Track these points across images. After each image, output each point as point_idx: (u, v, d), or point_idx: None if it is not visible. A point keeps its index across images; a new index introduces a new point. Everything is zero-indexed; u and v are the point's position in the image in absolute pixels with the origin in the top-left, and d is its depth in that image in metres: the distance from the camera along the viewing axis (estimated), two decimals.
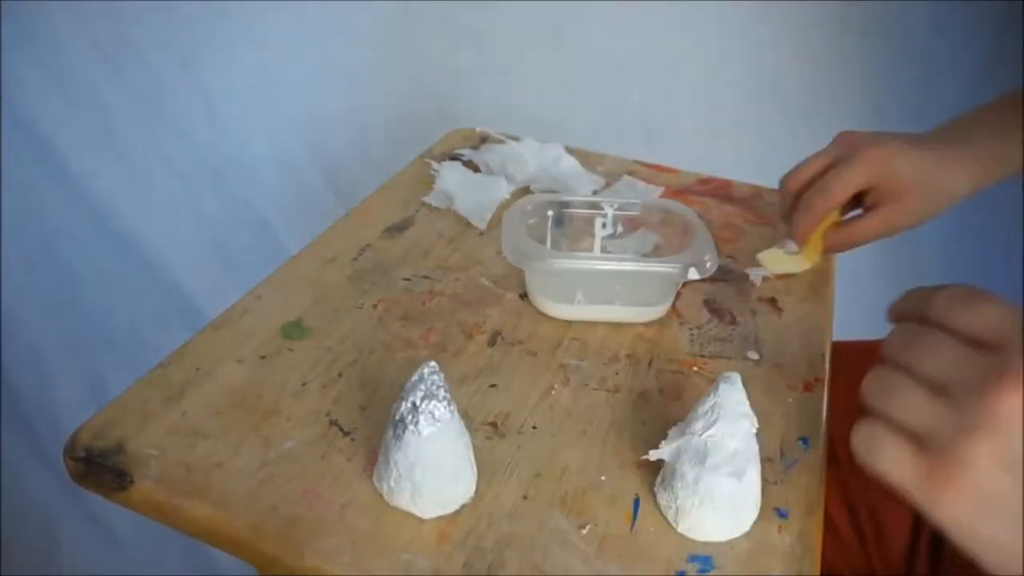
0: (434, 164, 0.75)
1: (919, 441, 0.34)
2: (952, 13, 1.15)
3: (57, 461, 0.47)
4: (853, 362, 0.69)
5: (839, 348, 0.62)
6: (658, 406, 0.52)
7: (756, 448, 0.43)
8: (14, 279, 1.14)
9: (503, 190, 0.74)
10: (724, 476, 0.42)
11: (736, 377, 0.43)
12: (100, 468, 0.45)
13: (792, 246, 0.64)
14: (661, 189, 0.78)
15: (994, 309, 0.35)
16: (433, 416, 0.41)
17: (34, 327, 1.16)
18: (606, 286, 0.59)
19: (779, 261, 0.66)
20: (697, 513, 0.43)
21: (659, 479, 0.45)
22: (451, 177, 0.75)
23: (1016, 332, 0.33)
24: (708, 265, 0.56)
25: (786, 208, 0.65)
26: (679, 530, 0.43)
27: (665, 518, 0.44)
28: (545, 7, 1.25)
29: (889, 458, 0.35)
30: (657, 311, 0.60)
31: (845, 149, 0.62)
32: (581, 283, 0.58)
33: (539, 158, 0.77)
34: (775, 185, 0.80)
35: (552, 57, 1.30)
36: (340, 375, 0.53)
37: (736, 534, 0.43)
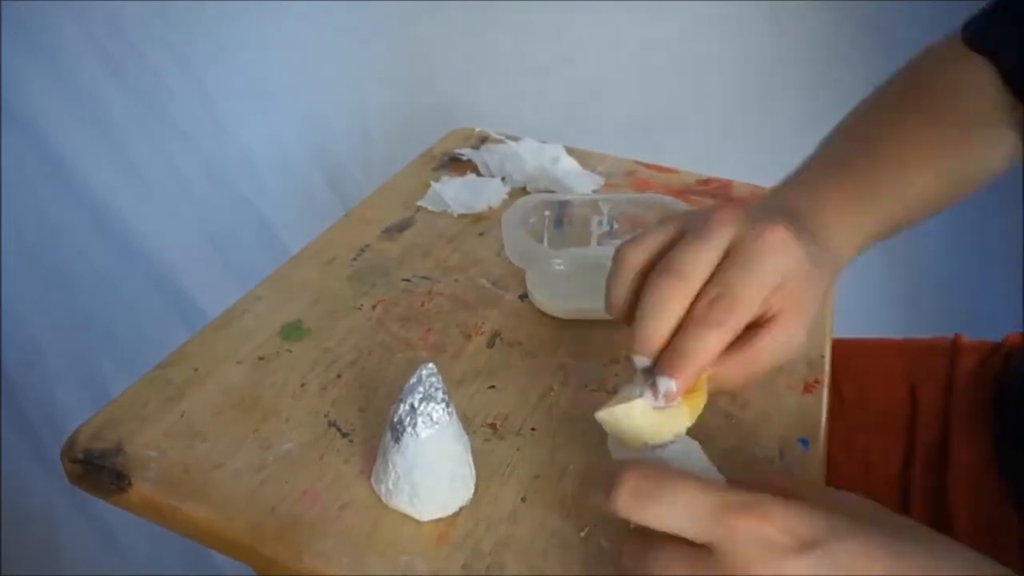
0: (434, 184, 0.74)
1: None
2: (952, 13, 1.15)
3: (57, 461, 0.47)
4: (851, 359, 0.69)
5: (836, 344, 0.62)
6: None
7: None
8: (14, 279, 1.14)
9: (499, 191, 0.74)
10: None
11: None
12: (98, 470, 0.45)
13: (669, 387, 0.39)
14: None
15: (673, 504, 0.33)
16: (431, 418, 0.41)
17: (34, 327, 1.16)
18: None
19: (639, 422, 0.40)
20: None
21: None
22: (448, 184, 0.74)
23: (711, 524, 0.32)
24: None
25: (621, 302, 0.43)
26: None
27: None
28: (545, 7, 1.25)
29: None
30: None
31: (738, 233, 0.41)
32: (583, 281, 0.58)
33: (539, 158, 0.77)
34: (775, 185, 0.80)
35: (552, 57, 1.30)
36: (339, 376, 0.52)
37: None
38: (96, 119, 1.18)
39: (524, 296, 0.61)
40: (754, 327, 0.41)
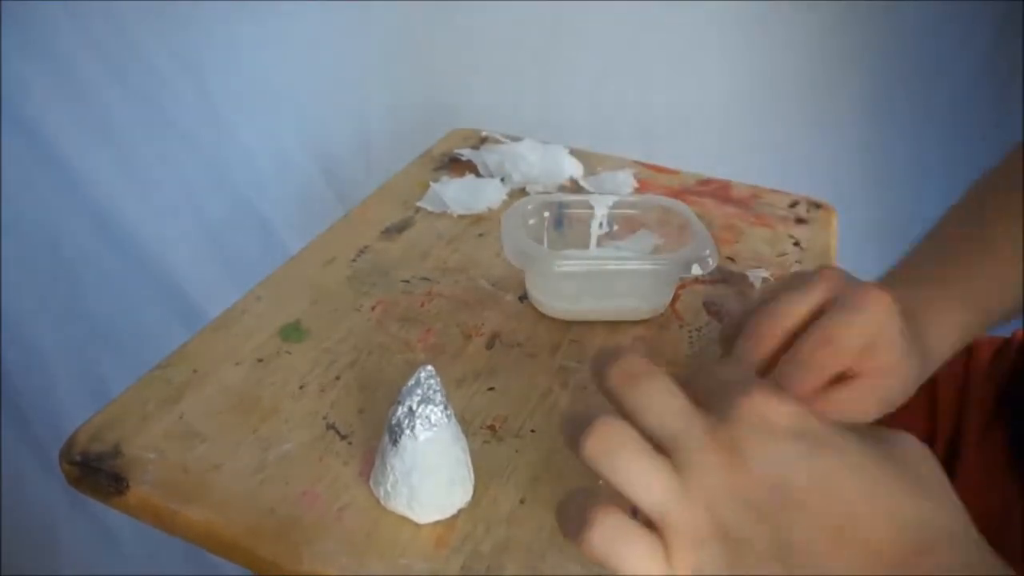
0: (434, 184, 0.74)
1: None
2: (952, 13, 1.15)
3: (57, 462, 0.47)
4: None
5: None
6: None
7: None
8: (14, 279, 1.14)
9: (499, 191, 0.74)
10: None
11: None
12: (96, 472, 0.45)
13: None
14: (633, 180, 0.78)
15: (660, 400, 0.32)
16: (430, 421, 0.41)
17: (34, 327, 1.16)
18: (608, 285, 0.59)
19: None
20: None
21: None
22: (448, 184, 0.74)
23: (686, 430, 0.31)
24: (709, 260, 0.56)
25: (753, 357, 0.43)
26: None
27: None
28: (544, 7, 1.25)
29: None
30: (658, 307, 0.60)
31: (841, 288, 0.43)
32: (583, 283, 0.58)
33: (539, 159, 0.77)
34: (775, 185, 0.80)
35: (552, 57, 1.30)
36: (338, 377, 0.52)
37: None
38: (96, 119, 1.18)
39: (524, 297, 0.61)
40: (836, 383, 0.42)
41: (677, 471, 0.30)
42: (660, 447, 0.31)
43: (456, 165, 0.80)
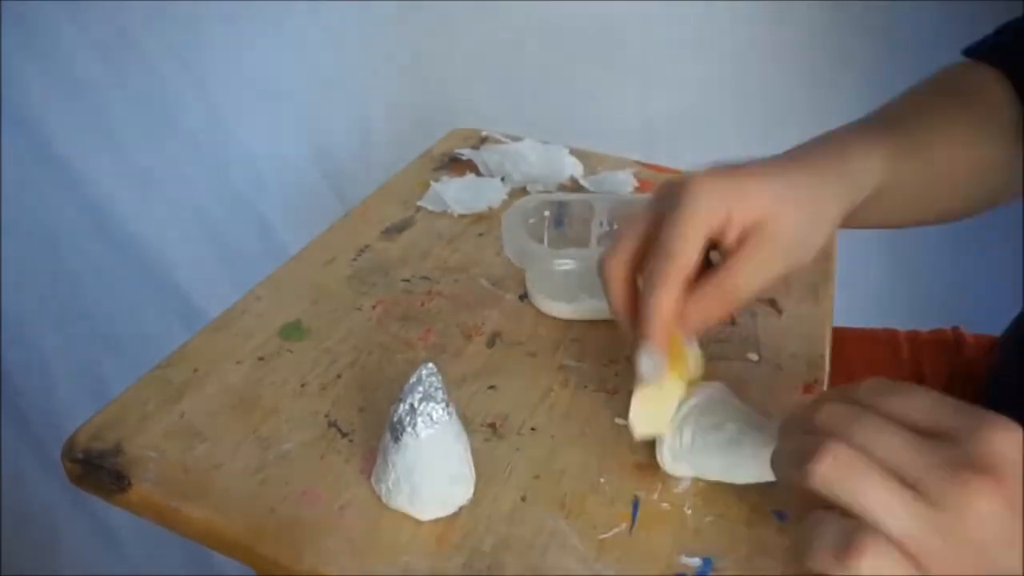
0: (434, 184, 0.74)
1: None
2: (952, 13, 1.15)
3: (57, 461, 0.47)
4: (855, 350, 0.69)
5: (841, 335, 0.62)
6: None
7: None
8: (14, 279, 1.14)
9: (499, 191, 0.74)
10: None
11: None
12: (98, 470, 0.45)
13: (650, 364, 0.42)
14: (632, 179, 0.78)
15: (925, 396, 0.32)
16: (431, 418, 0.41)
17: (34, 327, 1.16)
18: None
19: (651, 409, 0.44)
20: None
21: None
22: (448, 184, 0.74)
23: (962, 420, 0.30)
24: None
25: (623, 311, 0.46)
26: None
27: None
28: (544, 7, 1.25)
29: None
30: None
31: (666, 194, 0.44)
32: (583, 282, 0.58)
33: (540, 158, 0.77)
34: None
35: (552, 57, 1.30)
36: (339, 376, 0.52)
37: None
38: (96, 119, 1.18)
39: (524, 296, 0.61)
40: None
41: (930, 504, 0.29)
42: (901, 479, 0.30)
43: (456, 165, 0.80)
